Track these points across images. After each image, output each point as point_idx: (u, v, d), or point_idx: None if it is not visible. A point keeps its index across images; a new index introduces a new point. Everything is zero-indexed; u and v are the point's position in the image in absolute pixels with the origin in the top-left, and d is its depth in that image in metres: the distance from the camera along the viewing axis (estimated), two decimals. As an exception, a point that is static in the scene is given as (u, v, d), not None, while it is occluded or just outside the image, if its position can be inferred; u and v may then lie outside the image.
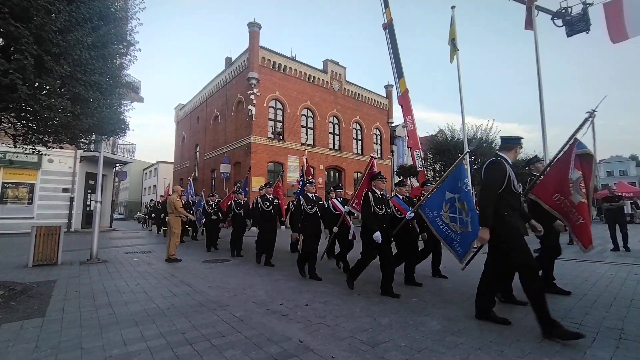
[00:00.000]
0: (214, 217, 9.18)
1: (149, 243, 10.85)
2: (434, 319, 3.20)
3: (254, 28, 20.43)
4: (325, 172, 23.69)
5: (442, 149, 20.12)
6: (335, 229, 5.49)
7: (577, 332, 2.60)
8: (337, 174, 24.93)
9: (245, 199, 8.39)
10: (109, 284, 4.74)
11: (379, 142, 28.74)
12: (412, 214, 4.52)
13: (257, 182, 18.79)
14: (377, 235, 3.97)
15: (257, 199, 6.74)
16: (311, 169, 7.22)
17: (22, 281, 4.74)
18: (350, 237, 5.62)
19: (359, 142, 26.90)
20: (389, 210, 4.49)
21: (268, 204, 6.69)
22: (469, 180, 4.04)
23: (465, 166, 4.23)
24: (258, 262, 6.49)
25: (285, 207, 8.34)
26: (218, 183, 22.85)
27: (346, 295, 4.13)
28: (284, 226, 7.31)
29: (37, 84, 3.69)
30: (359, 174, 25.76)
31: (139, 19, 5.14)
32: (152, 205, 16.56)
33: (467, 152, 4.50)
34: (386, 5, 10.37)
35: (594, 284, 4.61)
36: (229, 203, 8.65)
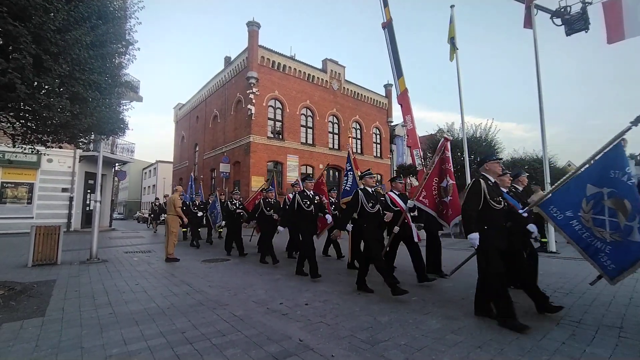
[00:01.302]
0: (240, 212, 8.11)
1: (148, 243, 10.84)
2: (433, 317, 3.21)
3: (253, 27, 20.39)
4: (325, 172, 23.67)
5: (442, 148, 20.09)
6: (396, 229, 4.42)
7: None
8: (336, 173, 24.91)
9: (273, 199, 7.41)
10: (109, 284, 4.74)
11: (378, 141, 28.73)
12: (526, 213, 3.55)
13: (256, 182, 18.79)
14: (474, 237, 3.07)
15: (296, 195, 5.56)
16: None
17: (22, 281, 4.74)
18: (416, 239, 4.61)
19: (359, 142, 26.88)
20: (507, 205, 3.41)
21: (309, 202, 5.45)
22: (632, 170, 2.94)
23: (625, 148, 3.05)
24: (316, 275, 4.95)
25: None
26: (218, 183, 22.83)
27: (346, 294, 4.13)
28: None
29: (35, 83, 3.68)
30: (359, 173, 25.77)
31: (138, 18, 5.13)
32: (158, 204, 15.89)
33: (630, 127, 2.91)
34: (385, 4, 10.35)
35: (593, 282, 4.61)
36: (255, 202, 7.87)
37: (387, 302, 3.76)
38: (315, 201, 5.60)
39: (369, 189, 4.39)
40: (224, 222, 8.91)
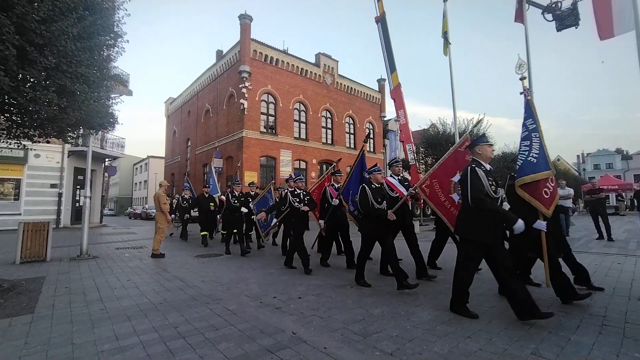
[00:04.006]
0: (304, 208, 5.48)
1: (140, 238, 10.74)
2: (424, 309, 3.26)
3: (245, 20, 20.10)
4: (318, 167, 23.69)
5: (434, 142, 20.24)
6: None
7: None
8: (329, 167, 24.93)
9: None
10: (100, 280, 4.69)
11: (371, 136, 28.79)
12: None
13: (249, 177, 18.70)
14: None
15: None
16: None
17: (10, 278, 4.66)
18: None
19: (352, 136, 26.91)
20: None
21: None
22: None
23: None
24: (402, 287, 3.86)
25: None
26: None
27: (339, 287, 4.17)
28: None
29: (20, 75, 3.58)
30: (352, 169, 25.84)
31: (126, 10, 5.02)
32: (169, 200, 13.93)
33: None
34: (378, -3, 10.29)
35: (579, 273, 4.73)
36: (322, 191, 6.04)
37: (379, 295, 3.81)
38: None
39: None
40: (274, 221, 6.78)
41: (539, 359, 2.20)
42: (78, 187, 16.39)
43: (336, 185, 5.85)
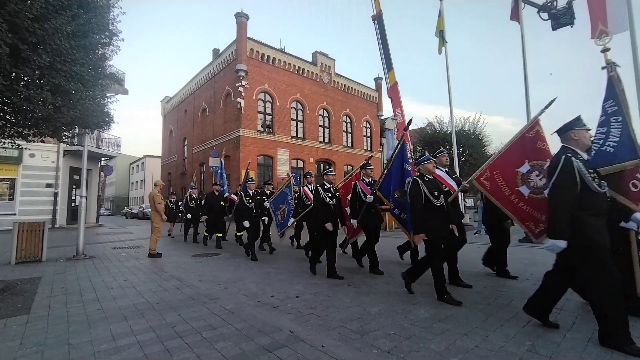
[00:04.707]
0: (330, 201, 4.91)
1: (137, 238, 10.69)
2: (422, 307, 3.27)
3: (241, 18, 20.03)
4: (316, 165, 23.68)
5: (431, 141, 20.35)
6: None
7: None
8: (327, 167, 24.94)
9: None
10: (97, 280, 4.66)
11: (368, 134, 28.83)
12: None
13: (247, 176, 18.67)
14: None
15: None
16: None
17: (5, 279, 4.63)
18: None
19: (349, 135, 26.92)
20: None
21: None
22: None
23: None
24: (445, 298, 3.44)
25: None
26: (207, 177, 22.58)
27: (336, 286, 4.17)
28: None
29: (13, 74, 3.55)
30: (350, 167, 25.86)
31: (121, 7, 4.98)
32: (174, 200, 11.74)
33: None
34: (375, -4, 10.28)
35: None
36: (352, 187, 5.32)
37: (376, 293, 3.82)
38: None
39: None
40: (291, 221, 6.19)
41: (535, 356, 2.21)
42: (74, 186, 16.29)
43: (367, 180, 5.23)
